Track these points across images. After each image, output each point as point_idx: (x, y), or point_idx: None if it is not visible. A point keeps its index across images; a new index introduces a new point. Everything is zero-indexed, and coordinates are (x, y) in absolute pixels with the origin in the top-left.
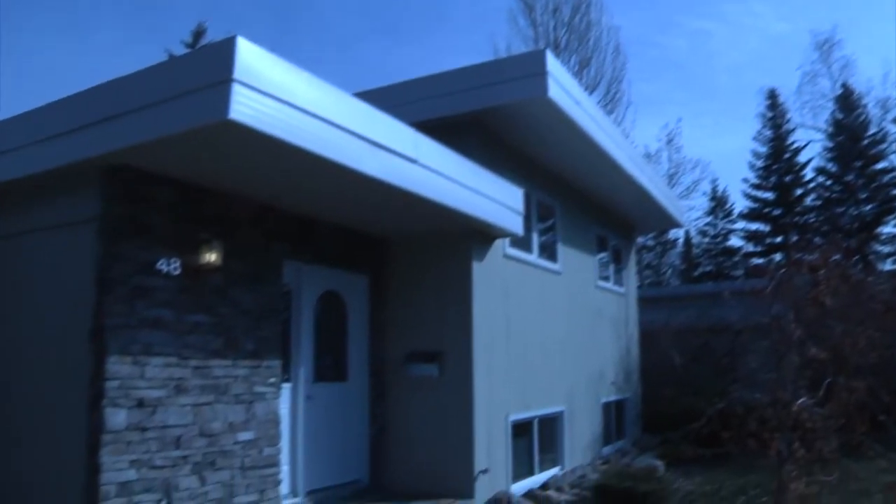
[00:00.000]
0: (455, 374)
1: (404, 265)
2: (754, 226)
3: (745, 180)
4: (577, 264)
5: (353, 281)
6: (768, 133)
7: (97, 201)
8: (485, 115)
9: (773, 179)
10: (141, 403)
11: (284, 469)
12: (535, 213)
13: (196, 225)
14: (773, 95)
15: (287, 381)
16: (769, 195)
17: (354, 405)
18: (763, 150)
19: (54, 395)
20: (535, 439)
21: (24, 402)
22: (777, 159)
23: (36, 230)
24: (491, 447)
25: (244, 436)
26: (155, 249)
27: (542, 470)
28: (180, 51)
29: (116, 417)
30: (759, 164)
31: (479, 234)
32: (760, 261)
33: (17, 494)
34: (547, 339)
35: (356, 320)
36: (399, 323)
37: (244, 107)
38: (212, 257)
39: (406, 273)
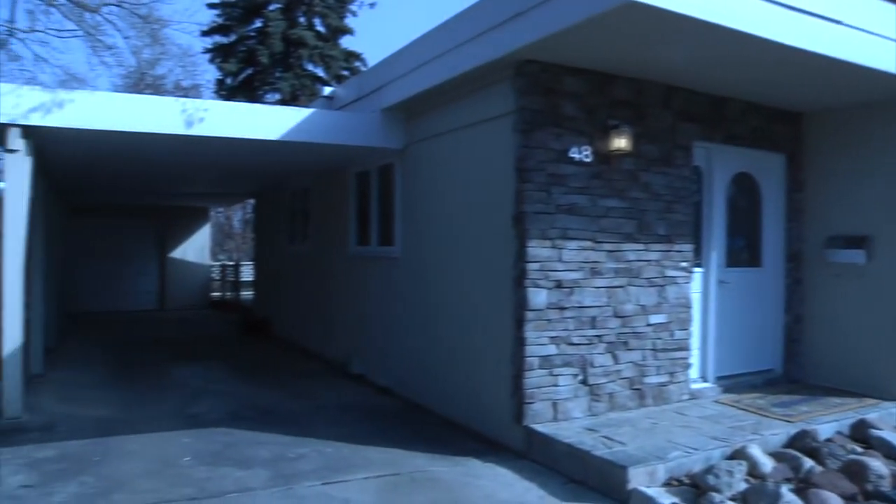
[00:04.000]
0: (886, 261)
1: (825, 141)
2: None
3: None
4: None
5: (767, 161)
6: None
7: (511, 96)
8: None
9: None
10: (559, 285)
11: (695, 353)
12: None
13: (604, 111)
14: None
15: (698, 265)
16: None
17: (768, 292)
18: None
19: (486, 275)
20: None
21: (459, 278)
22: None
23: (460, 128)
24: None
25: (655, 318)
26: (567, 138)
27: None
28: None
29: (538, 297)
30: None
31: None
32: None
33: (471, 356)
34: None
35: (770, 202)
36: (818, 204)
37: None
38: (621, 142)
39: (827, 149)
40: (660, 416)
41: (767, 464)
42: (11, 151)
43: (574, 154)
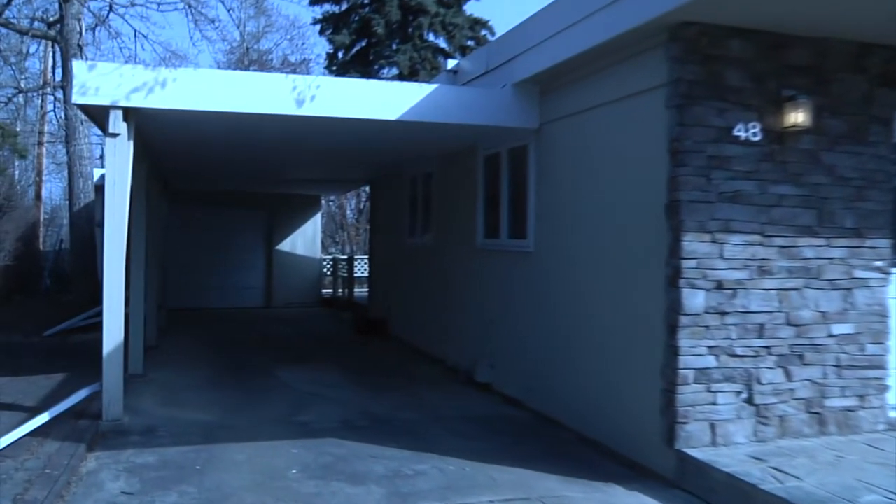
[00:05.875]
0: None
1: None
2: None
3: None
4: None
5: None
6: None
7: (663, 65)
8: None
9: None
10: (720, 285)
11: (893, 373)
12: None
13: (778, 80)
14: None
15: None
16: None
17: None
18: None
19: (633, 273)
20: None
21: (601, 277)
22: None
23: (603, 104)
24: None
25: (840, 328)
26: (731, 113)
27: None
28: None
29: (694, 299)
30: None
31: None
32: None
33: (613, 366)
34: None
35: None
36: None
37: None
38: (798, 117)
39: None
40: (846, 448)
41: None
42: (113, 135)
43: (740, 132)
